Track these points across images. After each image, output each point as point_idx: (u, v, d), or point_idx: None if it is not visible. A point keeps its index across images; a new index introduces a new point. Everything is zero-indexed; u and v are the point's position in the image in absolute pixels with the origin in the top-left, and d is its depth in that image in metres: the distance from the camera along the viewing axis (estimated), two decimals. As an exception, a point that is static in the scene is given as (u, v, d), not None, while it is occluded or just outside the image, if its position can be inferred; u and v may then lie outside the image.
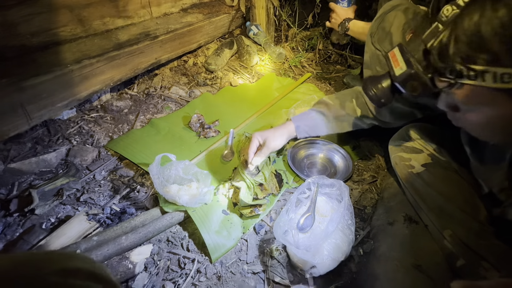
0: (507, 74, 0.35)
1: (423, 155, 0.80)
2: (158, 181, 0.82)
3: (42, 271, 0.27)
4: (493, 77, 0.36)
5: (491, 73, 0.36)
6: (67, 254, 0.32)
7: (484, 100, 0.40)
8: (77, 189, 0.92)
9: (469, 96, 0.41)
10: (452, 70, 0.39)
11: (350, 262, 0.76)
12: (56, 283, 0.27)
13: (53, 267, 0.28)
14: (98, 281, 0.29)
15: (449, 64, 0.40)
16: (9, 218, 0.83)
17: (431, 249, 0.69)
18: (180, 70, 1.48)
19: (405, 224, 0.75)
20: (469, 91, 0.40)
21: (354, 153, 1.08)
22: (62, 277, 0.27)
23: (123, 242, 0.74)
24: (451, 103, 0.46)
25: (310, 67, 1.59)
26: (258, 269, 0.75)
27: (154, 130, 1.12)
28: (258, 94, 1.37)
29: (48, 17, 1.06)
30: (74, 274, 0.29)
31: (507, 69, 0.35)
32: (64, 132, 1.10)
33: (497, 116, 0.40)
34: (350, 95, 0.93)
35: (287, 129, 0.93)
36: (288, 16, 1.70)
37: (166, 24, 1.37)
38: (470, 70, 0.38)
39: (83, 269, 0.30)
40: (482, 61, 0.36)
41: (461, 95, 0.42)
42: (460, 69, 0.38)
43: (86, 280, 0.29)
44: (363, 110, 0.90)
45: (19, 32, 1.00)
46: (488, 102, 0.40)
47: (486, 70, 0.36)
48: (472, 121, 0.44)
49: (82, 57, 1.04)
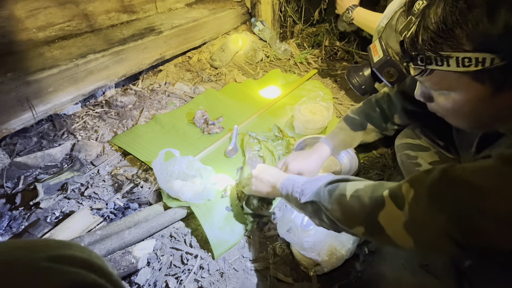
0: (467, 58, 0.39)
1: (430, 152, 0.79)
2: (161, 176, 0.82)
3: (36, 255, 0.27)
4: (456, 61, 0.40)
5: (454, 58, 0.40)
6: (64, 242, 0.32)
7: (451, 84, 0.44)
8: (81, 184, 0.92)
9: (438, 81, 0.45)
10: (422, 58, 0.43)
11: (355, 261, 0.75)
12: (48, 268, 0.27)
13: (47, 253, 0.28)
14: (92, 271, 0.29)
15: (419, 52, 0.43)
16: (14, 211, 0.84)
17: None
18: (184, 66, 1.48)
19: (411, 223, 0.74)
20: (438, 77, 0.44)
21: (360, 151, 1.06)
22: (55, 263, 0.27)
23: (126, 237, 0.74)
24: (426, 93, 0.50)
25: (315, 63, 1.57)
26: (261, 266, 0.74)
27: (158, 125, 1.12)
28: (263, 91, 1.36)
29: (54, 11, 1.06)
30: (68, 261, 0.29)
31: (467, 54, 0.39)
32: (69, 127, 1.11)
33: (463, 100, 0.44)
34: (371, 106, 0.90)
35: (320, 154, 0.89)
36: (294, 12, 1.69)
37: (171, 20, 1.36)
38: (437, 56, 0.41)
39: (78, 257, 0.30)
40: (447, 47, 0.40)
41: (431, 81, 0.46)
42: (428, 56, 0.42)
43: (79, 268, 0.28)
44: (385, 118, 0.88)
45: (25, 26, 1.01)
46: (454, 86, 0.43)
47: (450, 55, 0.40)
48: (444, 107, 0.48)
49: (88, 51, 1.05)
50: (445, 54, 0.40)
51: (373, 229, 0.48)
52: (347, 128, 0.92)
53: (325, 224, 0.58)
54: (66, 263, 0.28)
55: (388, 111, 0.86)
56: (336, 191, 0.54)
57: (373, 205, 0.48)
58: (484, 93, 0.42)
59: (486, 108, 0.44)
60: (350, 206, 0.51)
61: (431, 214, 0.41)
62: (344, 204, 0.52)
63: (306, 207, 0.60)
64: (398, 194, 0.45)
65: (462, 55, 0.39)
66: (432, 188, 0.41)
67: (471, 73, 0.40)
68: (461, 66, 0.40)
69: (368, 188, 0.51)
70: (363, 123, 0.90)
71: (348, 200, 0.51)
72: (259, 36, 1.65)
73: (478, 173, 0.38)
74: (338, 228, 0.56)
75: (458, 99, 0.45)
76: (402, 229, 0.44)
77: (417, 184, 0.44)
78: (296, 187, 0.63)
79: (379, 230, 0.47)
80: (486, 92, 0.41)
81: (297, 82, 1.40)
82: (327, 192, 0.56)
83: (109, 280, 0.30)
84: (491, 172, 0.37)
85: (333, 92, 1.37)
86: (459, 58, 0.39)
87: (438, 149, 0.78)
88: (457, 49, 0.39)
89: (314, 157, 0.87)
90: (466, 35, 0.38)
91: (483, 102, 0.43)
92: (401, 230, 0.44)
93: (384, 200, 0.47)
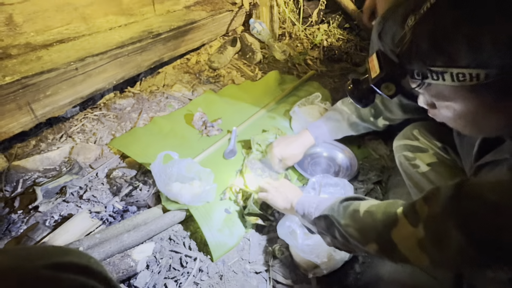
0: (461, 73, 0.38)
1: (428, 154, 0.79)
2: (160, 179, 0.82)
3: (34, 263, 0.27)
4: (450, 76, 0.39)
5: (448, 73, 0.39)
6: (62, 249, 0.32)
7: (449, 97, 0.43)
8: (80, 187, 0.92)
9: (436, 94, 0.44)
10: (418, 72, 0.43)
11: (354, 263, 0.75)
12: (46, 276, 0.27)
13: (46, 260, 0.28)
14: (91, 277, 0.29)
15: (414, 67, 0.43)
16: (13, 215, 0.83)
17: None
18: (183, 68, 1.48)
19: (410, 224, 0.74)
20: (435, 90, 0.44)
21: (359, 152, 1.06)
22: (54, 271, 0.27)
23: (125, 240, 0.74)
24: (428, 101, 0.50)
25: (314, 64, 1.58)
26: (260, 269, 0.74)
27: (157, 128, 1.12)
28: (261, 92, 1.36)
29: (53, 15, 1.06)
30: (66, 268, 0.29)
31: (461, 70, 0.38)
32: (67, 130, 1.11)
33: (464, 110, 0.44)
34: None
35: (303, 140, 0.94)
36: (292, 13, 1.69)
37: (169, 22, 1.36)
38: (432, 72, 0.41)
39: (76, 264, 0.30)
40: (440, 62, 0.40)
41: (430, 93, 0.45)
42: (424, 71, 0.42)
43: (77, 275, 0.28)
44: (376, 110, 0.90)
45: (24, 30, 1.01)
46: (453, 98, 0.43)
47: (444, 71, 0.40)
48: (445, 116, 0.48)
49: (86, 55, 1.04)
50: (439, 70, 0.40)
51: (386, 247, 0.48)
52: (334, 119, 0.94)
53: (337, 242, 0.57)
54: (65, 270, 0.28)
55: (381, 105, 0.86)
56: (350, 207, 0.54)
57: (386, 222, 0.48)
58: (484, 103, 0.41)
59: (488, 116, 0.43)
60: (364, 222, 0.51)
61: (447, 231, 0.40)
62: (358, 219, 0.52)
63: (319, 222, 0.60)
64: (412, 211, 0.45)
65: (456, 71, 0.39)
66: (448, 204, 0.40)
67: (467, 86, 0.40)
68: (456, 81, 0.39)
69: (381, 205, 0.51)
70: (351, 116, 0.92)
71: (362, 216, 0.51)
72: (258, 37, 1.65)
73: (495, 189, 0.38)
74: (350, 246, 0.55)
75: (459, 109, 0.44)
76: (416, 247, 0.43)
77: (432, 201, 0.43)
78: (311, 203, 0.64)
79: (392, 248, 0.46)
80: (486, 102, 0.41)
81: (295, 83, 1.40)
82: (342, 207, 0.56)
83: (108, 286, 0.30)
84: (509, 188, 0.37)
85: (331, 93, 1.37)
86: (453, 73, 0.39)
87: (436, 150, 0.78)
88: (450, 65, 0.39)
89: (297, 143, 0.93)
90: (457, 51, 0.38)
91: (484, 111, 0.42)
92: (416, 248, 0.43)
93: (398, 217, 0.46)
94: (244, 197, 0.87)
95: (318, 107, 1.15)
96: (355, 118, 0.93)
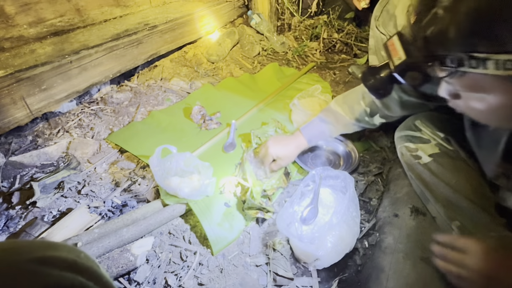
0: (509, 61, 0.33)
1: (430, 145, 0.78)
2: (159, 173, 0.81)
3: (19, 257, 0.27)
4: (495, 64, 0.34)
5: (493, 60, 0.34)
6: (51, 244, 0.31)
7: (486, 88, 0.38)
8: (78, 182, 0.91)
9: (470, 84, 0.39)
10: (453, 59, 0.37)
11: (355, 255, 0.74)
12: (30, 271, 0.26)
13: (32, 254, 0.27)
14: (79, 272, 0.28)
15: (449, 52, 0.38)
16: (11, 211, 0.83)
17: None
18: (180, 61, 1.46)
19: (412, 216, 0.73)
20: (470, 80, 0.38)
21: (359, 144, 1.05)
22: (38, 265, 0.27)
23: (124, 235, 0.73)
24: (452, 91, 0.44)
25: (314, 56, 1.55)
26: (260, 262, 0.74)
27: (155, 122, 1.11)
28: (260, 85, 1.34)
29: (45, 6, 1.04)
30: (53, 263, 0.28)
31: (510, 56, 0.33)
32: (64, 125, 1.09)
33: (500, 104, 0.39)
34: (357, 97, 0.89)
35: (298, 143, 0.92)
36: (291, 4, 1.66)
37: (165, 14, 1.34)
38: (471, 58, 0.36)
39: (64, 259, 0.29)
40: (483, 48, 0.34)
41: (462, 83, 0.40)
42: (460, 57, 0.36)
43: (63, 270, 0.28)
44: (372, 109, 0.87)
45: (16, 22, 0.99)
46: (490, 90, 0.38)
47: (488, 57, 0.34)
48: (474, 108, 0.43)
49: (81, 47, 1.02)
50: (481, 56, 0.35)
51: None
52: (327, 121, 0.92)
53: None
54: (51, 265, 0.27)
55: (378, 102, 0.85)
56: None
57: None
58: None
59: None
60: None
61: None
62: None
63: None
64: None
65: (503, 57, 0.33)
66: None
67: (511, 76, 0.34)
68: (502, 70, 0.34)
69: None
70: (344, 118, 0.90)
71: None
72: (256, 29, 1.62)
73: None
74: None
75: (494, 103, 0.39)
76: None
77: None
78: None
79: None
80: None
81: (295, 75, 1.38)
82: None
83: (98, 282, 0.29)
84: None
85: (331, 85, 1.35)
86: (500, 61, 0.34)
87: (438, 141, 0.77)
88: (497, 51, 0.34)
89: (292, 146, 0.91)
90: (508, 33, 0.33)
91: None
92: None
93: None
94: (243, 191, 0.86)
95: (318, 99, 1.13)
96: (349, 120, 0.89)
